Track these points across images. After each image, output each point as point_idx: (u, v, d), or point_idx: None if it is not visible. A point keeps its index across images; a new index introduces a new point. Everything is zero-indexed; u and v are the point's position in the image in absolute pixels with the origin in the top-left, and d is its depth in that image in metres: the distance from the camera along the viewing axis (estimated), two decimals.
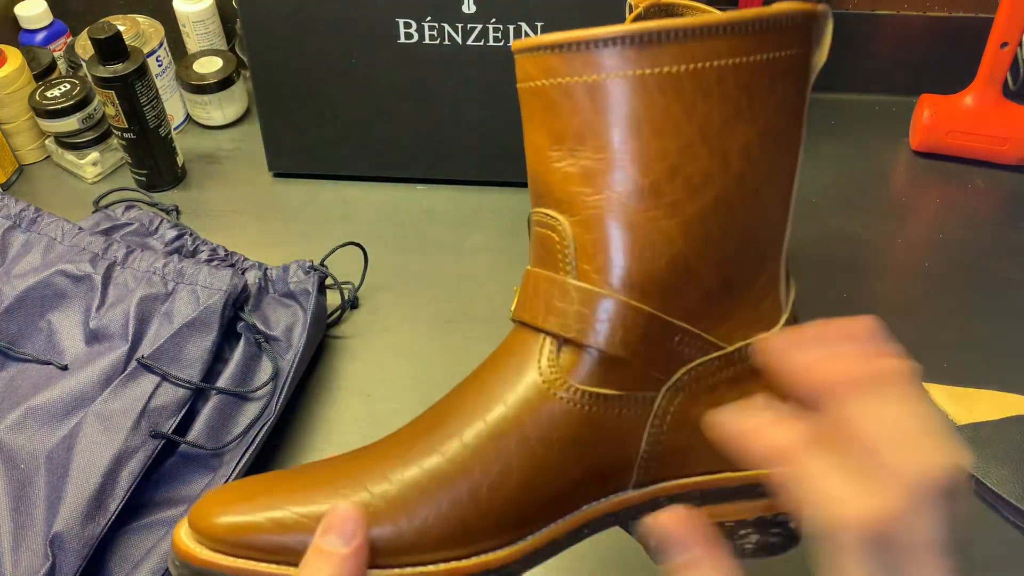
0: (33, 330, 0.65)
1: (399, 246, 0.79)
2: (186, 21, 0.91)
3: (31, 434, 0.59)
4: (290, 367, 0.64)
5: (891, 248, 0.78)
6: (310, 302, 0.67)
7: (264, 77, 0.81)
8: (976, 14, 0.87)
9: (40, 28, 0.92)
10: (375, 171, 0.85)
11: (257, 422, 0.62)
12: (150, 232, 0.74)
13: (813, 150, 0.88)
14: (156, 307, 0.65)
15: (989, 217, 0.81)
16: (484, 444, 0.36)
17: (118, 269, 0.67)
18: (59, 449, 0.57)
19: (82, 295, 0.66)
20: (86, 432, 0.58)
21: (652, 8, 0.64)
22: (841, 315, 0.72)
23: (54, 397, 0.60)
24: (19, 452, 0.58)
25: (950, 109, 0.84)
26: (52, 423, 0.59)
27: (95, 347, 0.64)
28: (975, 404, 0.66)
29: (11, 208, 0.71)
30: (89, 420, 0.58)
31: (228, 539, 0.35)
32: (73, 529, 0.54)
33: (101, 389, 0.61)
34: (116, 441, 0.57)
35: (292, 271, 0.69)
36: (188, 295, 0.65)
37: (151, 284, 0.66)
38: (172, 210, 0.80)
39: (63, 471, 0.56)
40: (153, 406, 0.59)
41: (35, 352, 0.64)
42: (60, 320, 0.65)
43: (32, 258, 0.68)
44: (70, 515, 0.54)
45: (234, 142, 0.91)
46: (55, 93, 0.84)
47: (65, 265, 0.67)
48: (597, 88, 0.35)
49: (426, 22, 0.76)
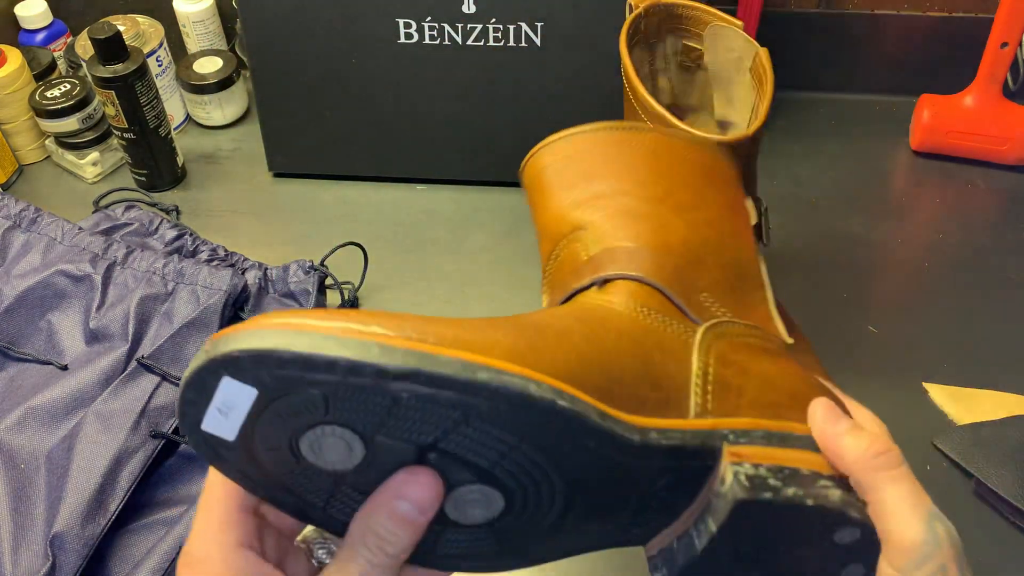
0: (33, 330, 0.65)
1: (399, 246, 0.79)
2: (186, 21, 0.91)
3: (31, 434, 0.59)
4: None
5: (891, 248, 0.78)
6: (310, 302, 0.67)
7: (264, 77, 0.81)
8: (976, 14, 0.87)
9: (40, 28, 0.92)
10: (375, 171, 0.85)
11: None
12: (150, 232, 0.74)
13: (813, 150, 0.88)
14: (156, 307, 0.65)
15: (989, 217, 0.81)
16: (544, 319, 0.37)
17: (118, 269, 0.67)
18: (59, 449, 0.57)
19: (82, 295, 0.66)
20: (86, 432, 0.58)
21: (652, 8, 0.64)
22: (841, 315, 0.71)
23: (54, 397, 0.60)
24: (19, 452, 0.58)
25: (950, 109, 0.84)
26: (52, 423, 0.59)
27: (95, 347, 0.64)
28: (975, 404, 0.66)
29: (11, 208, 0.71)
30: (89, 420, 0.58)
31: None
32: (73, 529, 0.54)
33: (101, 389, 0.61)
34: (116, 441, 0.57)
35: (292, 271, 0.69)
36: (188, 295, 0.65)
37: (151, 284, 0.66)
38: (172, 210, 0.80)
39: (63, 471, 0.56)
40: (153, 406, 0.59)
41: (35, 352, 0.64)
42: (60, 320, 0.66)
43: (32, 258, 0.68)
44: (70, 515, 0.54)
45: (234, 142, 0.91)
46: (55, 93, 0.84)
47: (65, 265, 0.67)
48: (597, 141, 0.45)
49: (426, 22, 0.76)
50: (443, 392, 0.30)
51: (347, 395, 0.30)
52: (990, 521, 0.60)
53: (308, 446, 0.32)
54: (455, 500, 0.34)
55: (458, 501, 0.34)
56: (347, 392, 0.30)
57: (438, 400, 0.30)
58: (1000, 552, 0.58)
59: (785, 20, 0.88)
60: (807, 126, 0.90)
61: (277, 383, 0.30)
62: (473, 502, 0.34)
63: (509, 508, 0.34)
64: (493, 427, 0.31)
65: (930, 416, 0.66)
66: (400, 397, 0.30)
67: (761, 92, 0.59)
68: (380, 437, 0.31)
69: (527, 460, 0.32)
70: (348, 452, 0.32)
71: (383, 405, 0.30)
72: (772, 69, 0.58)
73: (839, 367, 0.67)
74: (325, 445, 0.32)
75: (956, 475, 0.62)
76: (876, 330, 0.71)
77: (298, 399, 0.30)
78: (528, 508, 0.34)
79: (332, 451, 0.32)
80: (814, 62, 0.91)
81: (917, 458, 0.63)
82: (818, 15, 0.88)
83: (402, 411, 0.30)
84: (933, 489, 0.61)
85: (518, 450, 0.32)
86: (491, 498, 0.34)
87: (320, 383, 0.29)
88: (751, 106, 0.61)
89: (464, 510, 0.34)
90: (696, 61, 0.66)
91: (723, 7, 0.65)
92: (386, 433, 0.31)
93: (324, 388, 0.30)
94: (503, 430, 0.31)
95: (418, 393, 0.30)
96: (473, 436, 0.31)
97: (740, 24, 0.61)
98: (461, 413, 0.30)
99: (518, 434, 0.31)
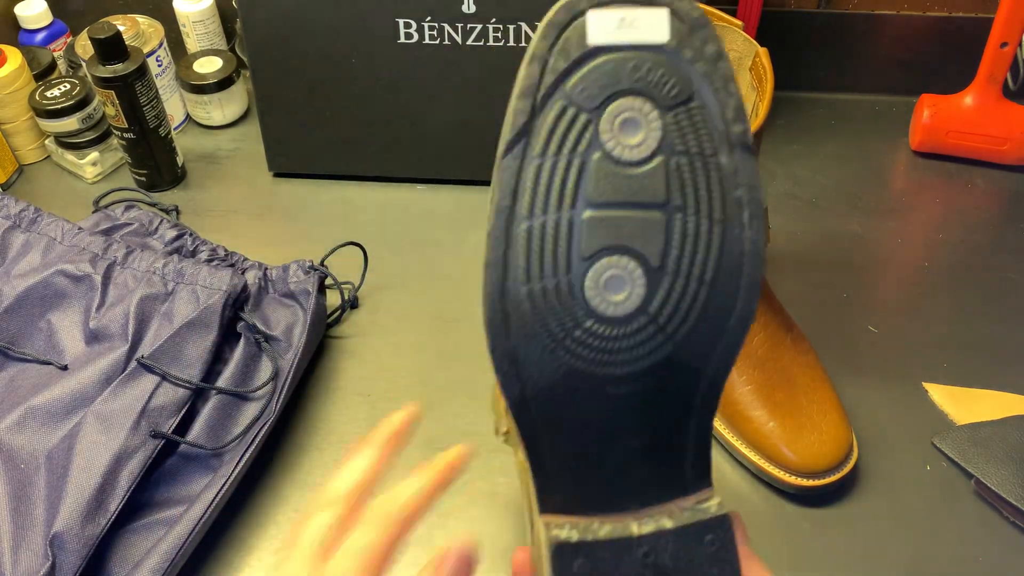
0: (33, 330, 0.65)
1: (399, 246, 0.79)
2: (186, 21, 0.91)
3: (31, 434, 0.59)
4: (290, 367, 0.64)
5: (891, 248, 0.78)
6: (310, 302, 0.67)
7: (264, 77, 0.81)
8: (976, 14, 0.87)
9: (40, 28, 0.92)
10: (375, 171, 0.85)
11: (257, 422, 0.62)
12: (150, 232, 0.74)
13: (813, 150, 0.88)
14: (156, 307, 0.65)
15: (989, 217, 0.81)
16: None
17: (118, 269, 0.67)
18: (59, 449, 0.57)
19: (82, 295, 0.66)
20: (86, 432, 0.58)
21: None
22: (841, 315, 0.72)
23: (54, 397, 0.60)
24: (19, 452, 0.58)
25: (950, 109, 0.84)
26: (52, 423, 0.59)
27: (95, 347, 0.64)
28: (975, 404, 0.66)
29: (11, 208, 0.71)
30: (89, 420, 0.58)
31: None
32: (73, 529, 0.54)
33: (101, 389, 0.61)
34: (116, 441, 0.57)
35: (292, 271, 0.69)
36: (188, 295, 0.65)
37: (151, 284, 0.66)
38: (172, 210, 0.80)
39: (63, 471, 0.56)
40: (153, 406, 0.59)
41: (35, 352, 0.64)
42: (60, 320, 0.65)
43: (32, 258, 0.68)
44: (70, 515, 0.54)
45: (234, 142, 0.91)
46: (55, 93, 0.84)
47: (65, 265, 0.67)
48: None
49: (426, 22, 0.76)
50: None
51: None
52: (990, 521, 0.60)
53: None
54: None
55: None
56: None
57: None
58: (1000, 552, 0.58)
59: (785, 20, 0.88)
60: (807, 126, 0.90)
61: None
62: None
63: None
64: None
65: (930, 416, 0.66)
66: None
67: (761, 92, 0.59)
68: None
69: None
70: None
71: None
72: (772, 69, 0.58)
73: (839, 367, 0.67)
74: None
75: (956, 475, 0.62)
76: (876, 330, 0.71)
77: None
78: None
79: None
80: (814, 62, 0.91)
81: (917, 458, 0.63)
82: (818, 15, 0.88)
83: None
84: (933, 489, 0.62)
85: None
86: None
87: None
88: (751, 106, 0.61)
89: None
90: None
91: (723, 7, 0.65)
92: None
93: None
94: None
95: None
96: None
97: (740, 24, 0.61)
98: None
99: None
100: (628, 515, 0.34)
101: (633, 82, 0.30)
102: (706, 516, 0.34)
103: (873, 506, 0.61)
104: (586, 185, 0.31)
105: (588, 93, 0.31)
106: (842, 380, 0.66)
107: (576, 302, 0.31)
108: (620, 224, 0.31)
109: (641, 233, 0.31)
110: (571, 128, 0.31)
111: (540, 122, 0.31)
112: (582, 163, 0.31)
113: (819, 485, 0.60)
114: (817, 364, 0.64)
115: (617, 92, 0.31)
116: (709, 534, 0.33)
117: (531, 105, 0.32)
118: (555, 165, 0.31)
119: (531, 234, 0.31)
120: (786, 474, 0.60)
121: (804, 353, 0.65)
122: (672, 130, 0.31)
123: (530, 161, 0.31)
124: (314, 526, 0.36)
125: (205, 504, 0.57)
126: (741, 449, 0.62)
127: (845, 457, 0.60)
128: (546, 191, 0.31)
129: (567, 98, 0.31)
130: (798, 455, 0.60)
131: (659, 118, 0.31)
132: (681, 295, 0.31)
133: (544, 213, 0.31)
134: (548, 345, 0.32)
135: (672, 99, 0.31)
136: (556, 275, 0.31)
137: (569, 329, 0.31)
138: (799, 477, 0.60)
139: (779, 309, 0.65)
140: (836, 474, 0.60)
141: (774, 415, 0.61)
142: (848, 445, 0.60)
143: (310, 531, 0.36)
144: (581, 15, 0.30)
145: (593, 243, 0.31)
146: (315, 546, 0.36)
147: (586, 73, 0.31)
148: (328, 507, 0.37)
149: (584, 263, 0.31)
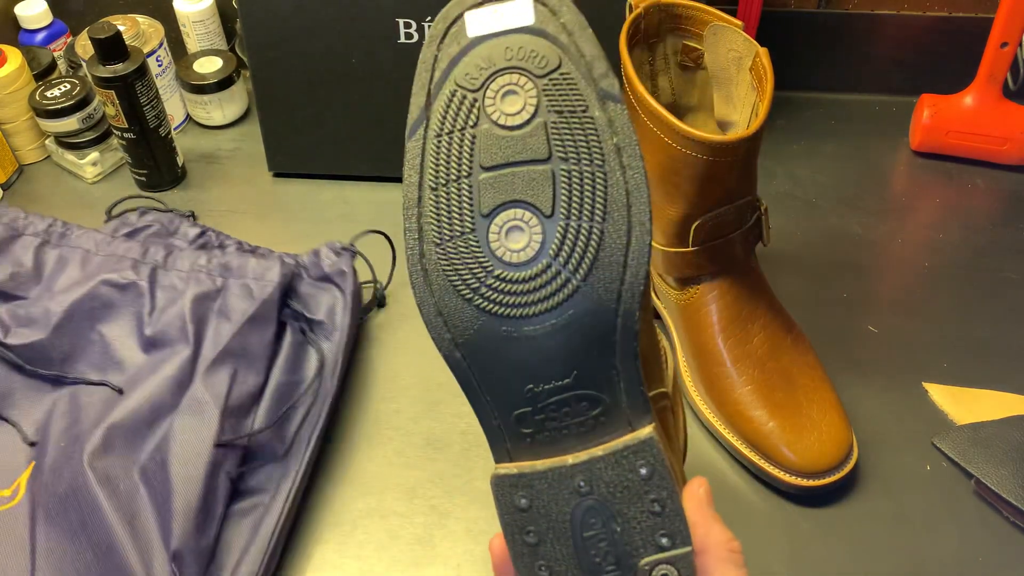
0: (86, 343, 0.64)
1: (398, 246, 0.79)
2: (186, 21, 0.91)
3: (119, 453, 0.57)
4: (338, 349, 0.65)
5: (891, 248, 0.78)
6: (348, 283, 0.67)
7: (264, 77, 0.81)
8: (976, 14, 0.87)
9: (40, 28, 0.92)
10: (375, 171, 0.85)
11: (314, 407, 0.63)
12: (171, 232, 0.73)
13: (813, 150, 0.88)
14: (210, 305, 0.64)
15: (989, 217, 0.81)
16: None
17: (162, 272, 0.66)
18: (152, 462, 0.57)
19: (130, 303, 0.65)
20: (176, 442, 0.57)
21: (652, 8, 0.64)
22: (841, 315, 0.71)
23: (131, 411, 0.59)
24: (113, 473, 0.56)
25: (950, 109, 0.84)
26: (137, 438, 0.58)
27: (154, 354, 0.63)
28: (975, 404, 0.66)
29: (38, 225, 0.70)
30: (175, 429, 0.58)
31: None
32: (189, 543, 0.54)
33: (175, 396, 0.60)
34: (207, 447, 0.57)
35: (324, 254, 0.69)
36: (240, 290, 0.65)
37: (200, 283, 0.65)
38: (188, 216, 0.80)
39: (163, 486, 0.56)
40: (231, 406, 0.59)
41: (91, 366, 0.63)
42: (111, 331, 0.64)
43: (71, 272, 0.67)
44: (184, 531, 0.54)
45: (234, 142, 0.91)
46: (55, 93, 0.84)
47: (108, 275, 0.65)
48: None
49: (426, 22, 0.76)
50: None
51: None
52: (990, 521, 0.60)
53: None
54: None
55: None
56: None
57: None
58: (1000, 552, 0.58)
59: (785, 20, 0.88)
60: (807, 126, 0.90)
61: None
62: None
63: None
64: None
65: (930, 416, 0.66)
66: None
67: (761, 92, 0.59)
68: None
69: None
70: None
71: None
72: (772, 69, 0.58)
73: (839, 367, 0.67)
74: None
75: (956, 475, 0.62)
76: (876, 330, 0.71)
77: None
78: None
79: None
80: (814, 62, 0.91)
81: (917, 458, 0.63)
82: (818, 15, 0.88)
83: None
84: (933, 489, 0.62)
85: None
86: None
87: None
88: (751, 106, 0.61)
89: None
90: (696, 61, 0.66)
91: (723, 7, 0.65)
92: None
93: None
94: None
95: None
96: None
97: (740, 24, 0.61)
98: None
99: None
100: (568, 454, 0.37)
101: (506, 61, 0.36)
102: (634, 441, 0.36)
103: (873, 506, 0.61)
104: (478, 152, 0.36)
105: (471, 76, 0.36)
106: (842, 380, 0.66)
107: (484, 253, 0.36)
108: (512, 181, 0.36)
109: (531, 186, 0.36)
110: (460, 107, 0.37)
111: (435, 107, 0.37)
112: (473, 135, 0.36)
113: (819, 485, 0.60)
114: (817, 364, 0.64)
115: (496, 71, 0.36)
116: (640, 460, 0.36)
117: (426, 94, 0.38)
118: (451, 140, 0.37)
119: (438, 201, 0.37)
120: (786, 474, 0.60)
121: (804, 353, 0.65)
122: (546, 95, 0.35)
123: (430, 140, 0.38)
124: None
125: (285, 493, 0.59)
126: (741, 449, 0.62)
127: (845, 457, 0.60)
128: (446, 163, 0.37)
129: (455, 84, 0.37)
130: (798, 455, 0.60)
131: (534, 87, 0.35)
132: (576, 235, 0.35)
133: (447, 182, 0.37)
134: (466, 295, 0.37)
135: (542, 69, 0.35)
136: (464, 233, 0.37)
137: (482, 278, 0.36)
138: (799, 477, 0.60)
139: (779, 309, 0.65)
140: (836, 474, 0.60)
141: (774, 415, 0.61)
142: (848, 445, 0.60)
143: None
144: (460, 17, 0.36)
145: (490, 201, 0.36)
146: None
147: (468, 60, 0.36)
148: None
149: (485, 219, 0.36)
